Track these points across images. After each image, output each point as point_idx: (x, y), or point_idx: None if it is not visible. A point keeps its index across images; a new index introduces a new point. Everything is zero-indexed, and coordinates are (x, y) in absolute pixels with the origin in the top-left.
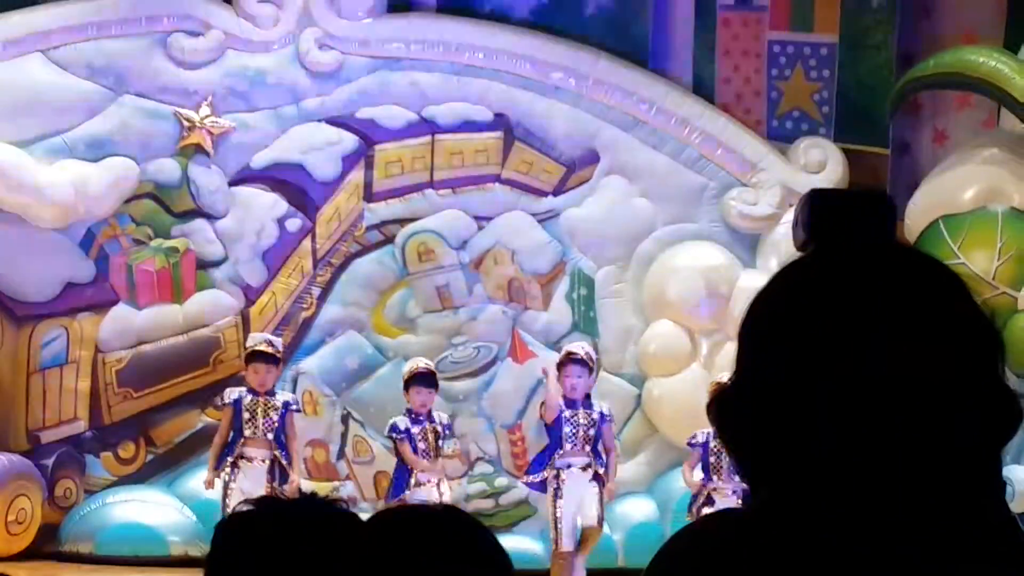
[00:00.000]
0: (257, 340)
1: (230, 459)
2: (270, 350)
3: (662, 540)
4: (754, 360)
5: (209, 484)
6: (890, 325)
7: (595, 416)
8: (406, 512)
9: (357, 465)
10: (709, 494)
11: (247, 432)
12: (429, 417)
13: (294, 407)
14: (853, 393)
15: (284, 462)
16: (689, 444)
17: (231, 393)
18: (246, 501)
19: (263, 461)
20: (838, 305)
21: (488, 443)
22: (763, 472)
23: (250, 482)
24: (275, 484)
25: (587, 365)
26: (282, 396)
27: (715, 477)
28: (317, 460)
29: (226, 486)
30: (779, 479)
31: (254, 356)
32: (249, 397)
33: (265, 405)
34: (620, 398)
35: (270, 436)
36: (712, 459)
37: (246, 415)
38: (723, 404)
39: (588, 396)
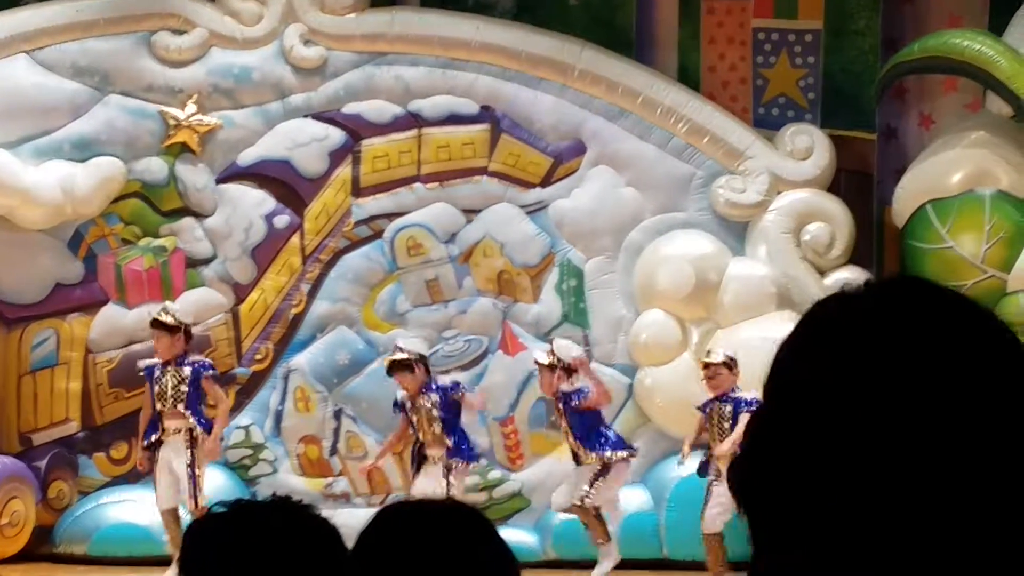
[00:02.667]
0: (157, 309)
1: (155, 435)
2: (165, 318)
3: (657, 530)
4: (779, 418)
5: (140, 464)
6: (927, 384)
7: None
8: (411, 507)
9: (350, 461)
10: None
11: (158, 405)
12: (419, 396)
13: (206, 372)
14: (886, 462)
15: (200, 430)
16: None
17: (143, 363)
18: (220, 503)
19: (177, 431)
20: (870, 360)
21: (481, 436)
22: (786, 539)
23: (171, 452)
24: (194, 452)
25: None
26: (191, 360)
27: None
28: (310, 456)
29: (152, 460)
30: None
31: (152, 324)
32: (158, 369)
33: (174, 375)
34: (612, 388)
35: (181, 407)
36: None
37: (156, 388)
38: (745, 467)
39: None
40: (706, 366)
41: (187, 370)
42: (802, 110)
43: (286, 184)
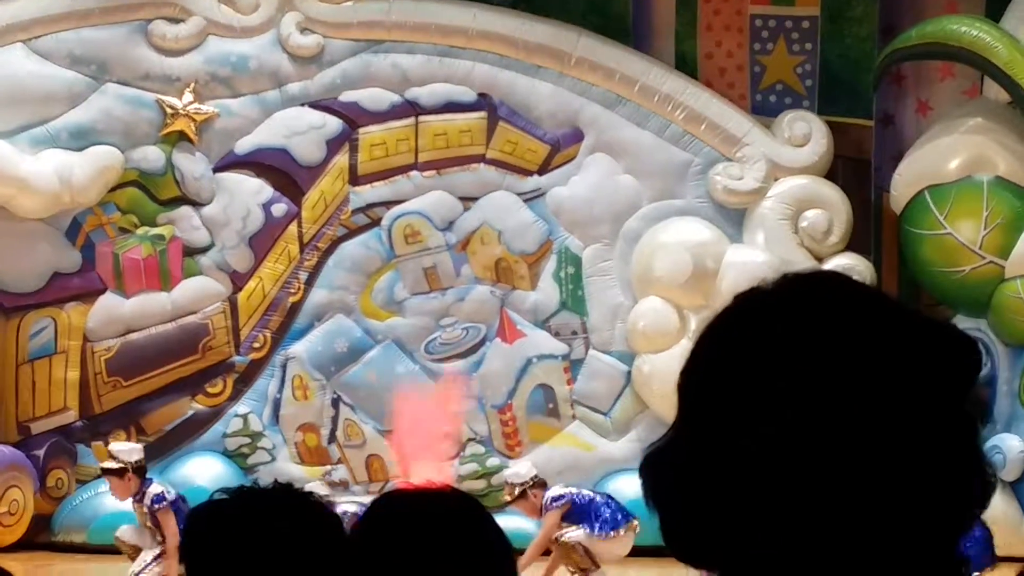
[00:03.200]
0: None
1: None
2: (109, 464)
3: (654, 518)
4: (690, 415)
5: None
6: (840, 380)
7: None
8: (409, 494)
9: (349, 448)
10: None
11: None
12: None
13: (157, 506)
14: (794, 458)
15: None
16: None
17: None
18: (222, 490)
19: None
20: (781, 353)
21: (479, 424)
22: (701, 547)
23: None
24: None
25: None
26: (150, 493)
27: None
28: (308, 444)
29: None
30: (720, 555)
31: (102, 473)
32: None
33: (139, 512)
34: (610, 376)
35: (159, 538)
36: None
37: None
38: (654, 464)
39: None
40: None
41: (146, 510)
42: (800, 97)
43: (284, 172)
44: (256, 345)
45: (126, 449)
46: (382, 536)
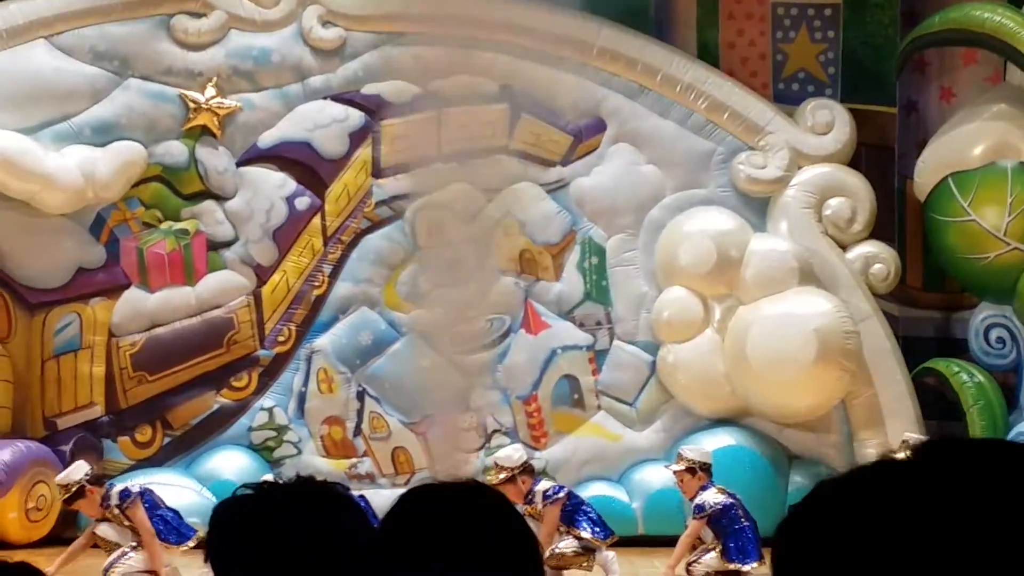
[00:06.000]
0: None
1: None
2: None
3: (680, 507)
4: None
5: None
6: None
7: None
8: (435, 488)
9: (374, 441)
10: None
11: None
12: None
13: (125, 503)
14: None
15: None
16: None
17: None
18: (246, 485)
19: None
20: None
21: (504, 415)
22: None
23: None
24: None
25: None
26: (115, 495)
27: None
28: (334, 437)
29: None
30: None
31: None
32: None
33: (113, 516)
34: (634, 366)
35: (137, 536)
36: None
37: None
38: None
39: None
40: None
41: (116, 511)
42: (822, 85)
43: (307, 166)
44: (281, 339)
45: (72, 470)
46: (409, 528)
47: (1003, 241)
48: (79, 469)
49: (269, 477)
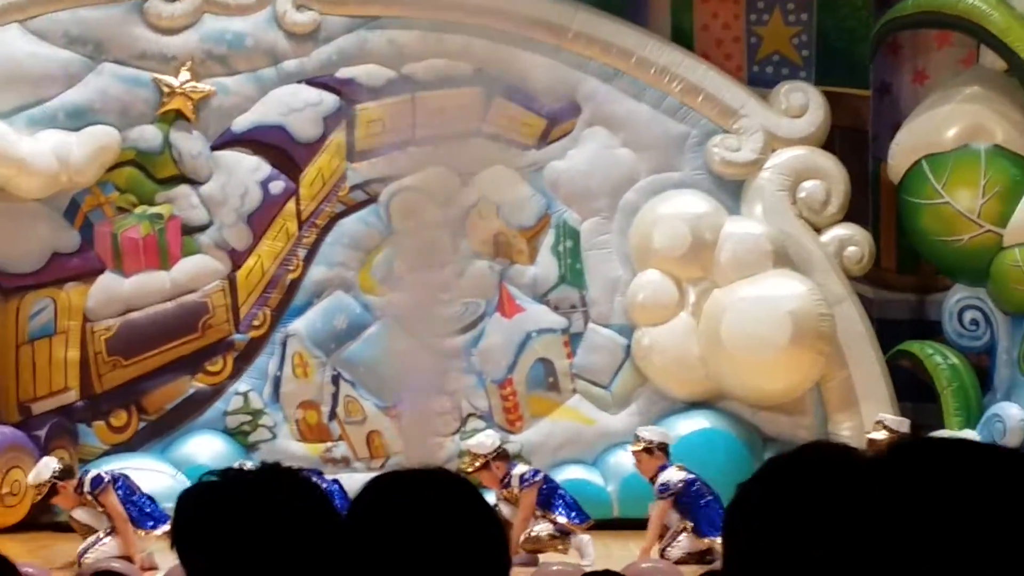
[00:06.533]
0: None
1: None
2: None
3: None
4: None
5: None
6: None
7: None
8: (401, 475)
9: (349, 425)
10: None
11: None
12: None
13: (96, 489)
14: None
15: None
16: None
17: None
18: (211, 472)
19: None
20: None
21: (479, 399)
22: None
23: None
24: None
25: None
26: (87, 481)
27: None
28: (309, 421)
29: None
30: None
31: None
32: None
33: (87, 503)
34: (609, 349)
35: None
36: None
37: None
38: None
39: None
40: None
41: (89, 497)
42: (796, 67)
43: (281, 150)
44: (256, 323)
45: (40, 470)
46: (376, 515)
47: (976, 223)
48: (47, 468)
49: (244, 462)
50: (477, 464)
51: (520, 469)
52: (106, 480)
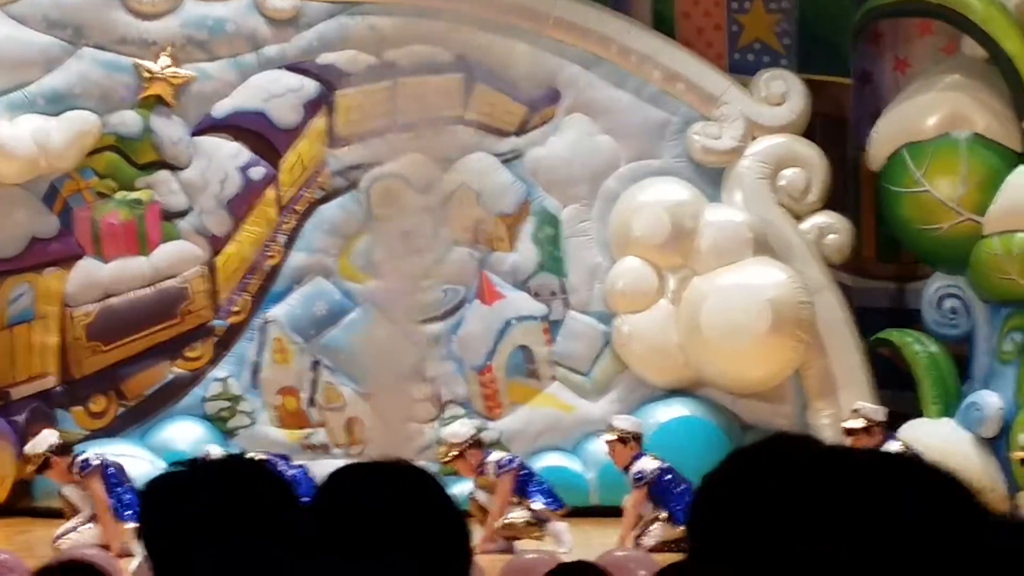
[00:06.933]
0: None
1: None
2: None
3: None
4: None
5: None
6: None
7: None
8: (364, 467)
9: (328, 412)
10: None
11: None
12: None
13: (82, 472)
14: None
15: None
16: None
17: None
18: (176, 463)
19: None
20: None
21: (459, 386)
22: None
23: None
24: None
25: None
26: (77, 462)
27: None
28: (288, 408)
29: None
30: None
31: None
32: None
33: (79, 487)
34: (589, 336)
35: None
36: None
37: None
38: None
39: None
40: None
41: (78, 478)
42: (778, 55)
43: (261, 136)
44: (235, 309)
45: (38, 441)
46: (338, 506)
47: (956, 212)
48: (45, 440)
49: (214, 449)
50: (453, 453)
51: (495, 456)
52: (94, 465)
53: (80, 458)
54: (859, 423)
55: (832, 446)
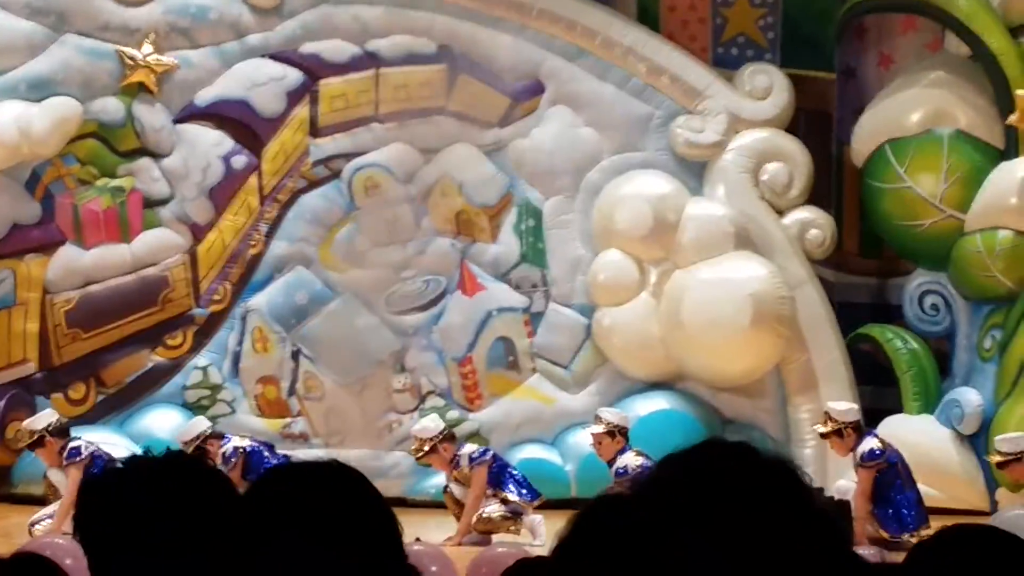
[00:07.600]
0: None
1: None
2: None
3: None
4: None
5: None
6: None
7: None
8: (296, 467)
9: (308, 401)
10: None
11: None
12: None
13: (68, 461)
14: None
15: None
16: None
17: None
18: (112, 460)
19: None
20: None
21: (439, 376)
22: None
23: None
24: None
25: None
26: (68, 448)
27: None
28: (268, 397)
29: None
30: None
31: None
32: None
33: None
34: (570, 328)
35: None
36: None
37: None
38: None
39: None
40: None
41: (64, 462)
42: (762, 49)
43: (244, 124)
44: (216, 297)
45: (39, 417)
46: (269, 505)
47: (938, 208)
48: (44, 418)
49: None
50: (425, 449)
51: (468, 448)
52: (82, 456)
53: (71, 445)
54: (828, 427)
55: (767, 455)
